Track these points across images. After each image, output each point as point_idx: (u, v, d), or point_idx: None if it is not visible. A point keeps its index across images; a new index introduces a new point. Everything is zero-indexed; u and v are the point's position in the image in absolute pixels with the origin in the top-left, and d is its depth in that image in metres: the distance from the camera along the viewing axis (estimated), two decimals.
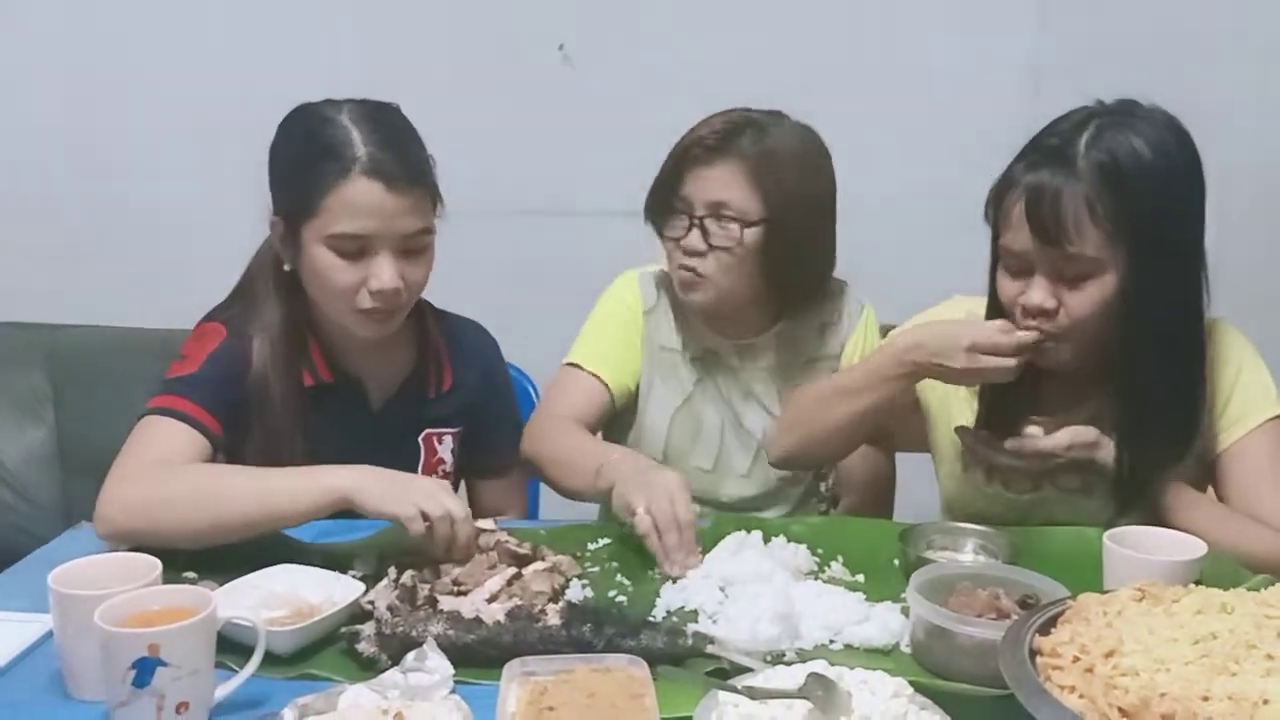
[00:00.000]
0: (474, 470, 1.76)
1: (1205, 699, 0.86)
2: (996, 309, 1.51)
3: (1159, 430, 1.45)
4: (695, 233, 1.65)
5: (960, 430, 1.53)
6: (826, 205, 1.71)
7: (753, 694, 0.93)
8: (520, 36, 2.63)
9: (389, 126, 1.52)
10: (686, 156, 1.66)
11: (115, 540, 1.35)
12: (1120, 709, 0.87)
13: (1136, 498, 1.43)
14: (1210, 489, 1.52)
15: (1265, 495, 1.43)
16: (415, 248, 1.51)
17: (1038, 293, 1.42)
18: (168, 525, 1.34)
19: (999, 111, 1.73)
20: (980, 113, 1.62)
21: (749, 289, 1.70)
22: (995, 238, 1.48)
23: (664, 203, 1.69)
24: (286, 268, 1.55)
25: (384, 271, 1.48)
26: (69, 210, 2.72)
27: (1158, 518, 1.39)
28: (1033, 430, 1.49)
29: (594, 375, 1.74)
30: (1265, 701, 0.85)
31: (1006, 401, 1.54)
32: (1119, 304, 1.40)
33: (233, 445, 1.51)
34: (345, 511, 1.36)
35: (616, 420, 1.80)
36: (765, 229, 1.63)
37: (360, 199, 1.46)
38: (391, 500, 1.31)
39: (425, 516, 1.30)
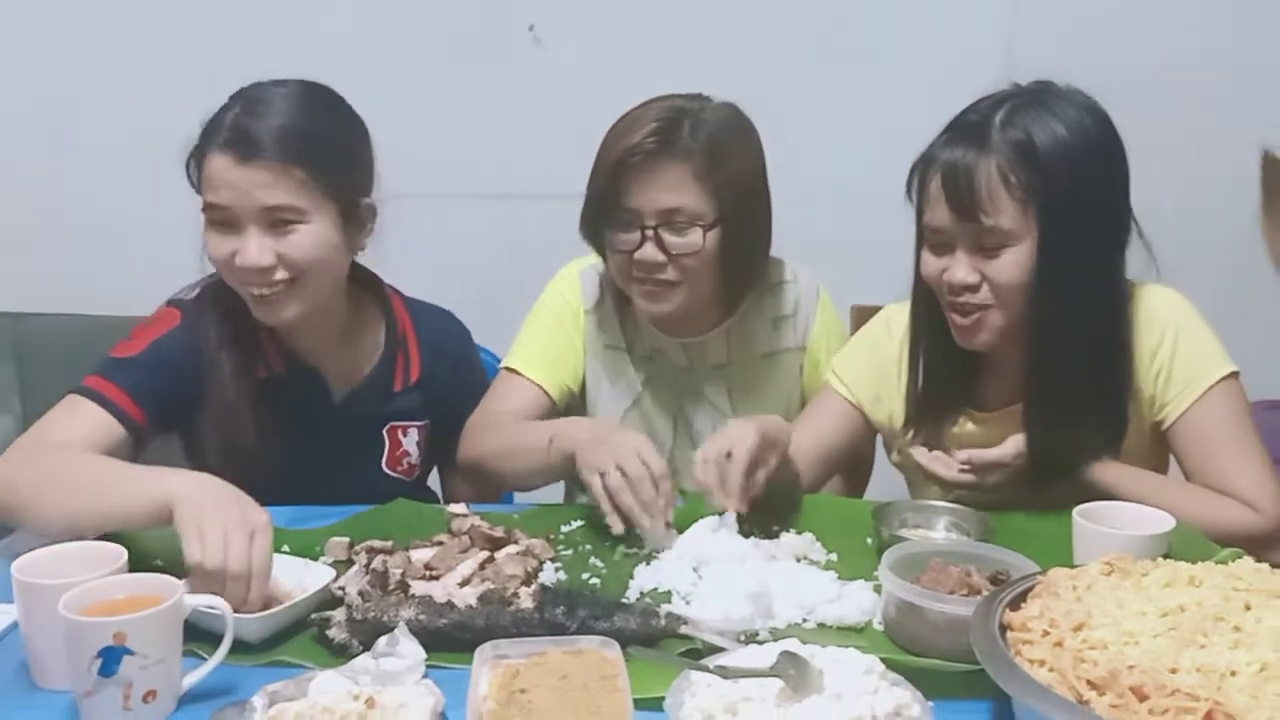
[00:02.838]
0: (446, 459, 1.74)
1: (1173, 671, 0.87)
2: (924, 289, 1.53)
3: (1074, 401, 1.45)
4: (650, 245, 1.56)
5: (914, 453, 1.51)
6: (764, 186, 1.65)
7: (725, 673, 0.93)
8: (490, 18, 2.60)
9: (278, 99, 1.49)
10: (624, 165, 1.54)
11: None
12: (1089, 681, 0.88)
13: (1054, 477, 1.43)
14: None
15: (1225, 464, 1.44)
16: (283, 222, 1.46)
17: (960, 269, 1.44)
18: (28, 506, 1.32)
19: (973, 95, 1.73)
20: (952, 97, 1.63)
21: (711, 289, 1.64)
22: (918, 217, 1.50)
23: (604, 216, 1.58)
24: None
25: (248, 246, 1.45)
26: (34, 197, 2.67)
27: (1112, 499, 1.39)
28: (970, 429, 1.53)
29: (532, 381, 1.68)
30: (1233, 673, 0.86)
31: (940, 399, 1.56)
32: (1037, 274, 1.42)
33: (182, 434, 1.48)
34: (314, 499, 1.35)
35: (576, 414, 1.77)
36: (722, 226, 1.57)
37: (215, 171, 1.45)
38: (192, 531, 1.16)
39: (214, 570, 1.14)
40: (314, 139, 1.47)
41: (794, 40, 2.60)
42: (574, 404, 1.75)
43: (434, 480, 1.82)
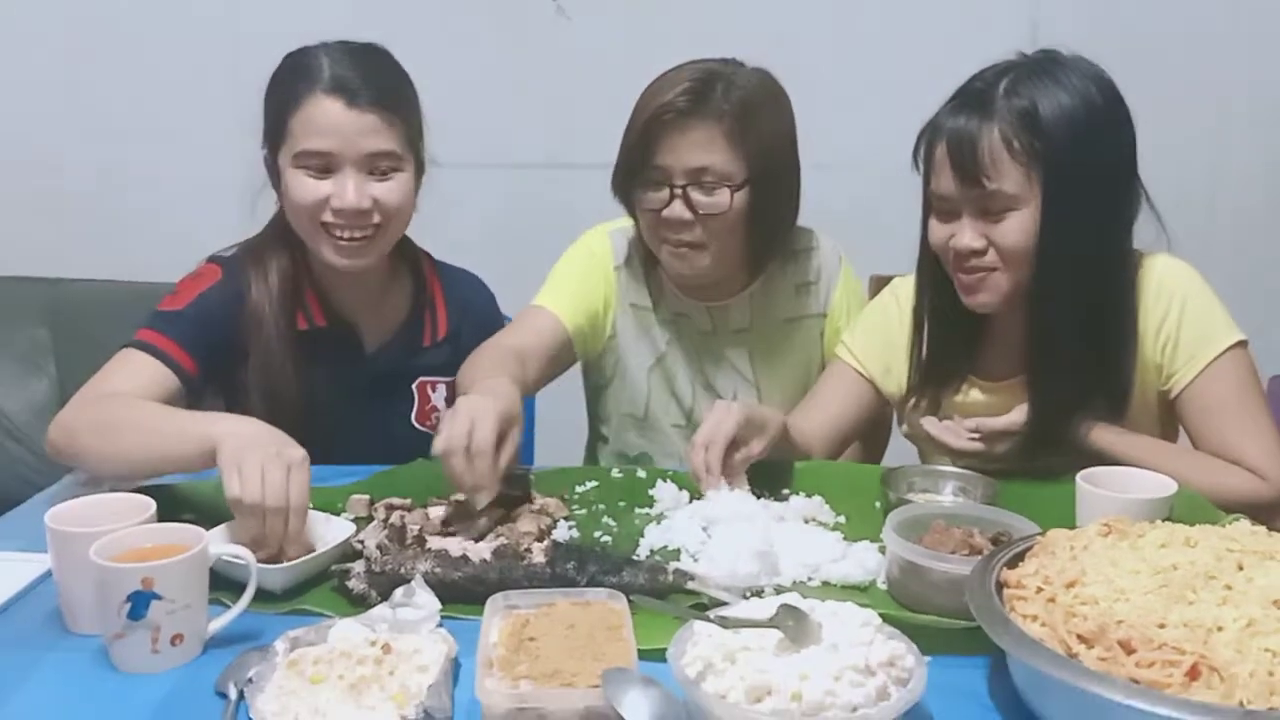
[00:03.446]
0: None
1: (1161, 626, 0.89)
2: (929, 257, 1.54)
3: (1074, 367, 1.47)
4: (678, 203, 1.59)
5: (924, 422, 1.53)
6: (794, 151, 1.67)
7: (725, 623, 0.96)
8: None
9: (362, 53, 1.55)
10: (656, 122, 1.56)
11: (56, 458, 1.42)
12: (1079, 635, 0.90)
13: (1055, 442, 1.44)
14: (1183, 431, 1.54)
15: (1231, 432, 1.45)
16: (382, 170, 1.53)
17: (966, 234, 1.46)
18: (88, 450, 1.38)
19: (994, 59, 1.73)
20: (974, 67, 1.64)
21: (737, 251, 1.67)
22: (925, 185, 1.51)
23: (635, 174, 1.61)
24: (277, 205, 1.58)
25: (347, 188, 1.50)
26: (70, 165, 2.73)
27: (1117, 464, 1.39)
28: (976, 398, 1.55)
29: (549, 310, 1.69)
30: (1219, 628, 0.88)
31: (945, 366, 1.58)
32: (1041, 241, 1.43)
33: (225, 385, 1.54)
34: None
35: (595, 372, 1.82)
36: (750, 188, 1.59)
37: (320, 116, 1.50)
38: (232, 469, 1.19)
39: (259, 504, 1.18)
40: (404, 94, 1.57)
41: (816, 10, 2.60)
42: (599, 354, 1.78)
43: None
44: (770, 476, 1.45)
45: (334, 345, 1.64)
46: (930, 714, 0.97)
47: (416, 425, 1.69)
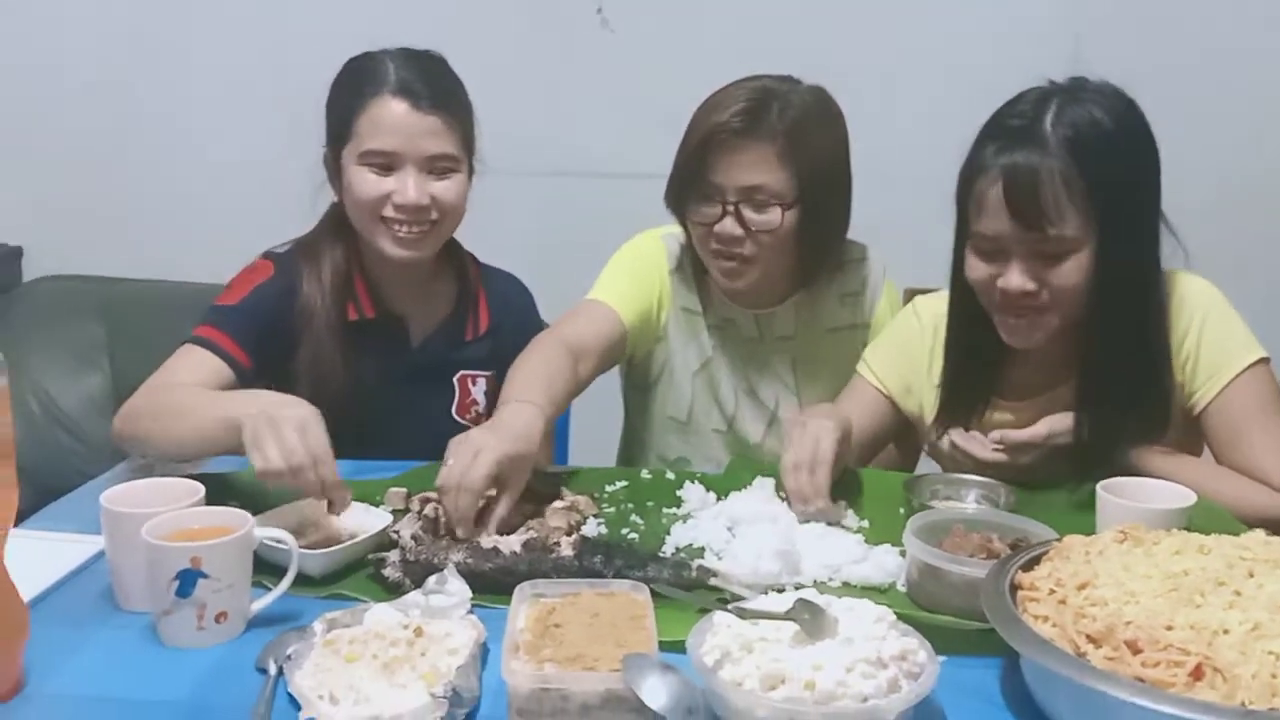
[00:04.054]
0: None
1: (1169, 628, 0.91)
2: (962, 290, 1.53)
3: (1120, 392, 1.47)
4: (730, 220, 1.62)
5: (951, 433, 1.54)
6: (847, 169, 1.70)
7: (743, 614, 1.00)
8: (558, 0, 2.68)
9: (424, 59, 1.64)
10: (712, 141, 1.59)
11: (120, 443, 1.50)
12: (1088, 635, 0.93)
13: (1100, 464, 1.43)
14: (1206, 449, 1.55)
15: (1253, 448, 1.45)
16: (440, 170, 1.61)
17: (1016, 276, 1.43)
18: (148, 434, 1.47)
19: (1037, 78, 1.74)
20: (1017, 78, 1.65)
21: (786, 266, 1.70)
22: (962, 221, 1.49)
23: (689, 189, 1.64)
24: (334, 199, 1.66)
25: (408, 185, 1.58)
26: (126, 170, 2.82)
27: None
28: (1001, 418, 1.56)
29: (608, 305, 1.72)
30: (1225, 631, 0.90)
31: (970, 389, 1.59)
32: (1095, 275, 1.43)
33: (277, 376, 1.60)
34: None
35: (639, 373, 1.85)
36: (801, 207, 1.62)
37: (387, 117, 1.58)
38: (253, 447, 1.26)
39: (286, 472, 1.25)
40: (462, 100, 1.65)
41: (857, 24, 2.63)
42: (646, 355, 1.81)
43: None
44: None
45: (381, 336, 1.70)
46: (943, 711, 1.00)
47: (456, 417, 1.75)
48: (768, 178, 1.60)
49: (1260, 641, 0.88)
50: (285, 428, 1.26)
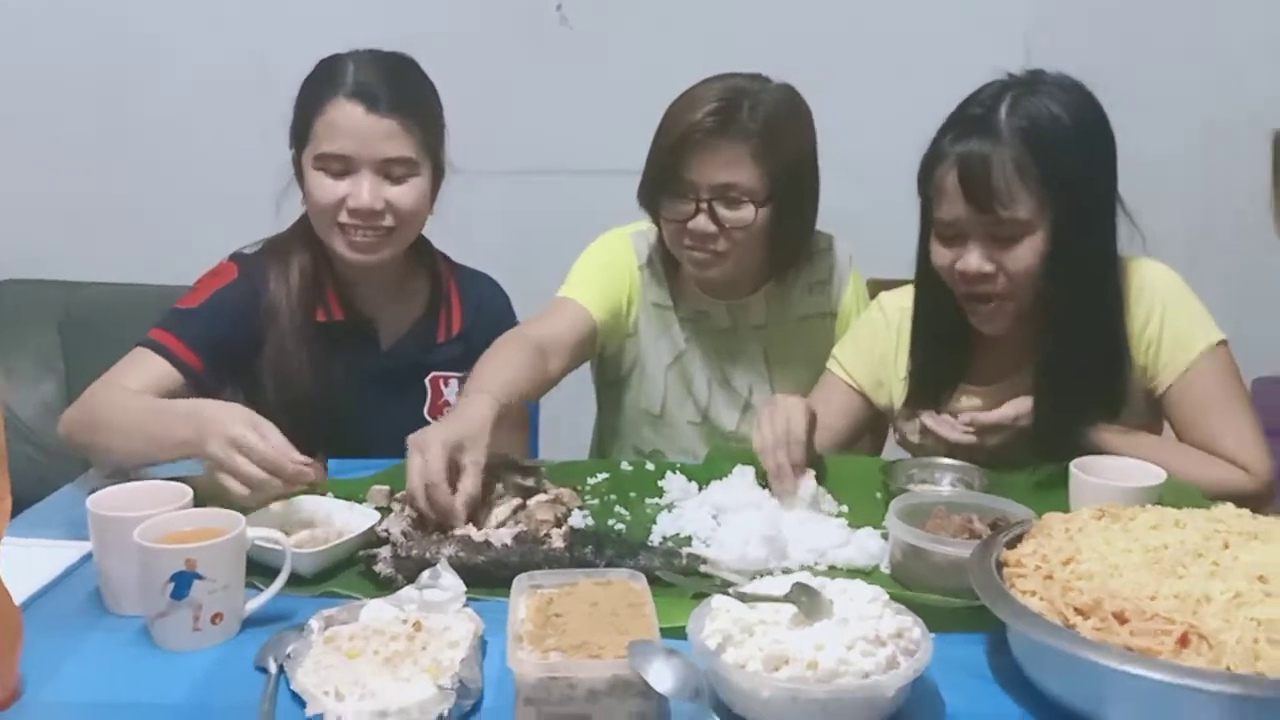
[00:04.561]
0: None
1: (1153, 598, 0.95)
2: (928, 277, 1.58)
3: (1076, 374, 1.52)
4: (703, 216, 1.64)
5: (922, 416, 1.58)
6: (815, 165, 1.73)
7: (744, 598, 1.02)
8: None
9: (389, 60, 1.62)
10: (686, 141, 1.62)
11: (70, 450, 1.50)
12: (1076, 608, 0.96)
13: (1059, 444, 1.48)
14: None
15: (1214, 427, 1.51)
16: (397, 175, 1.59)
17: (974, 258, 1.49)
18: (92, 444, 1.47)
19: (991, 73, 1.79)
20: (972, 74, 1.70)
21: (758, 259, 1.73)
22: (925, 209, 1.54)
23: (664, 187, 1.67)
24: (303, 206, 1.65)
25: (362, 189, 1.57)
26: (81, 172, 2.77)
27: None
28: (969, 403, 1.61)
29: (577, 302, 1.73)
30: (1207, 599, 0.94)
31: (937, 373, 1.64)
32: (1048, 260, 1.48)
33: (241, 378, 1.58)
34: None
35: (610, 368, 1.86)
36: (773, 204, 1.65)
37: (341, 120, 1.57)
38: (222, 472, 1.29)
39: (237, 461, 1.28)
40: (425, 102, 1.63)
41: (818, 21, 2.67)
42: (616, 351, 1.82)
43: None
44: None
45: (351, 339, 1.69)
46: (936, 686, 1.03)
47: (428, 418, 1.74)
48: (741, 175, 1.62)
49: (1242, 609, 0.92)
50: (241, 439, 1.28)
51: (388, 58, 1.64)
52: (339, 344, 1.67)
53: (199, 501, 1.20)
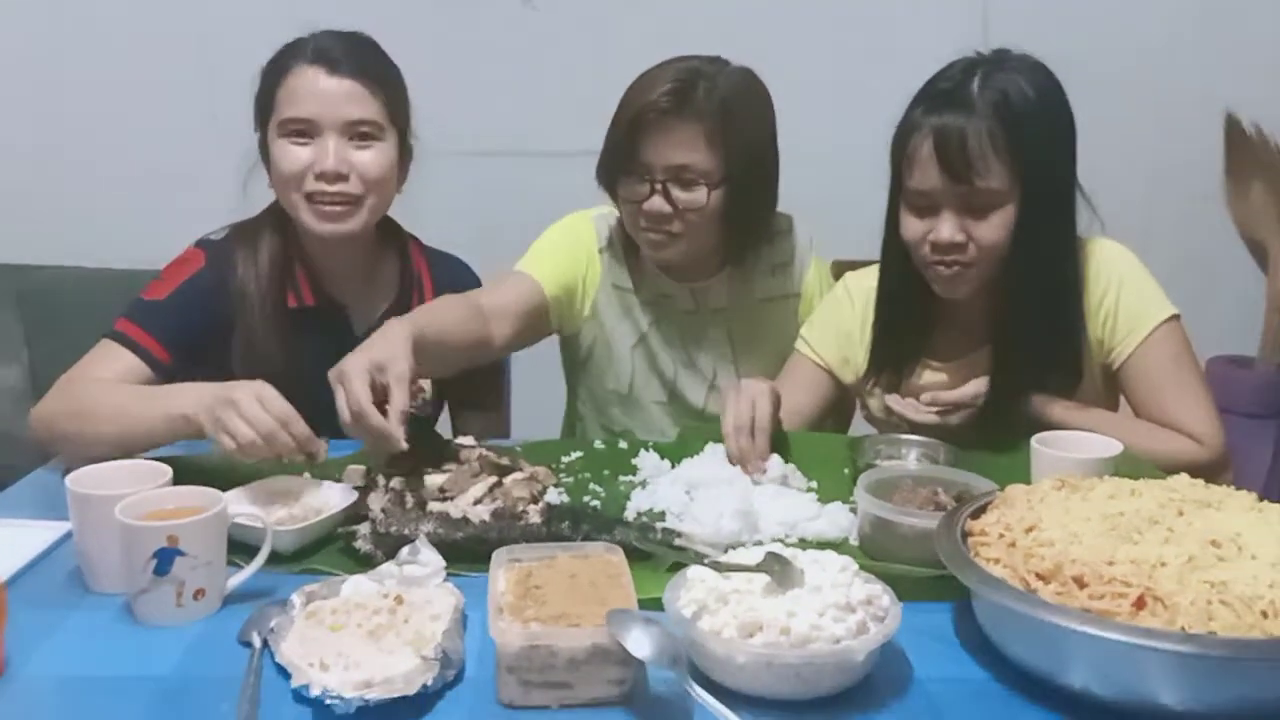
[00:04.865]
0: (455, 400, 1.86)
1: (1110, 563, 0.98)
2: (895, 249, 1.62)
3: (1032, 351, 1.57)
4: (658, 197, 1.66)
5: (887, 398, 1.63)
6: (773, 149, 1.75)
7: (718, 568, 1.05)
8: None
9: (349, 35, 1.64)
10: (641, 121, 1.63)
11: (40, 446, 1.50)
12: (1037, 574, 1.00)
13: (1016, 420, 1.53)
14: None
15: (1168, 400, 1.56)
16: (361, 136, 1.60)
17: (946, 228, 1.53)
18: (67, 434, 1.47)
19: (948, 56, 1.84)
20: (932, 58, 1.74)
21: (713, 241, 1.75)
22: (896, 181, 1.58)
23: (620, 168, 1.68)
24: (270, 187, 1.65)
25: (327, 150, 1.58)
26: (34, 152, 2.74)
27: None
28: (932, 378, 1.66)
29: (528, 275, 1.75)
30: (1163, 564, 0.97)
31: (899, 345, 1.68)
32: (1016, 232, 1.52)
33: (211, 366, 1.59)
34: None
35: (572, 349, 1.89)
36: (727, 185, 1.66)
37: (303, 84, 1.59)
38: (218, 431, 1.30)
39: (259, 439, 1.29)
40: (388, 72, 1.64)
41: (781, 5, 2.70)
42: (575, 332, 1.84)
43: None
44: None
45: (322, 324, 1.70)
46: (904, 651, 1.06)
47: None
48: (695, 157, 1.64)
49: (1195, 572, 0.96)
50: (243, 403, 1.29)
51: (348, 34, 1.65)
52: (311, 329, 1.68)
53: (201, 479, 1.20)
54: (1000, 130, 1.48)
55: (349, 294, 1.73)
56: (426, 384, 1.73)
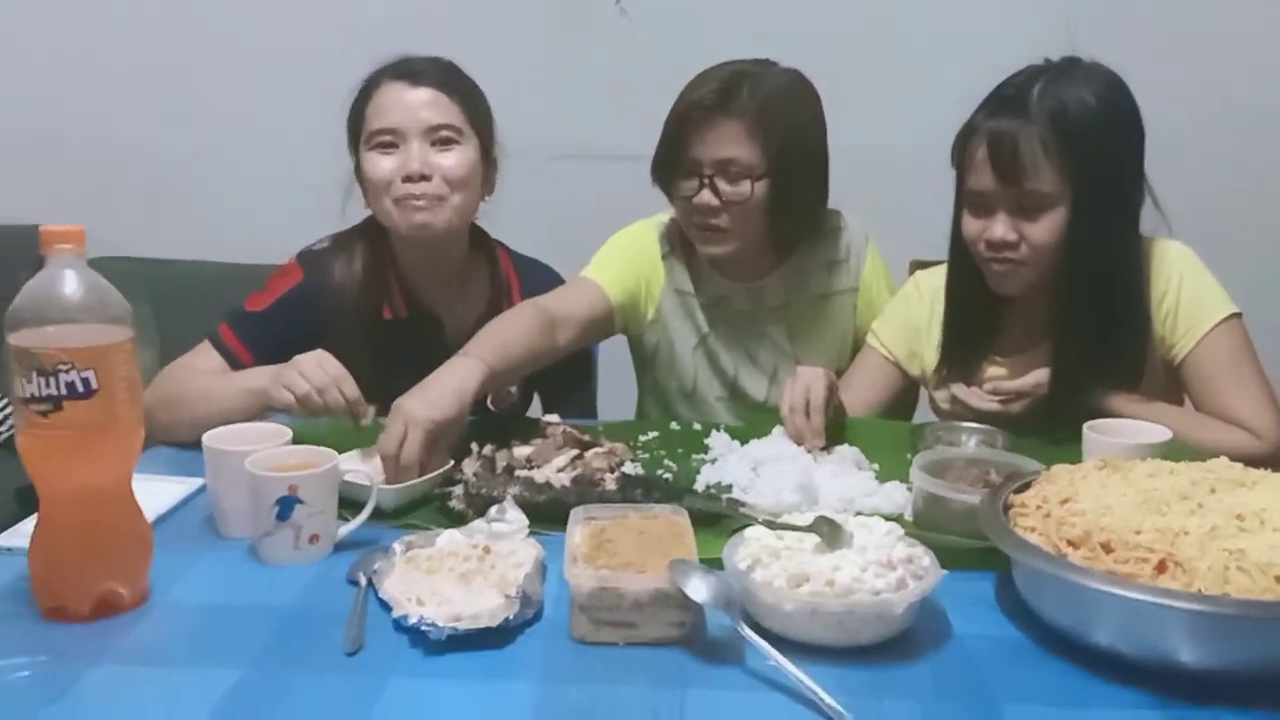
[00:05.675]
0: (546, 394, 1.99)
1: (1137, 532, 1.06)
2: (960, 247, 1.70)
3: (1091, 346, 1.62)
4: (706, 191, 1.75)
5: (953, 388, 1.72)
6: (819, 145, 1.82)
7: (771, 525, 1.15)
8: None
9: (429, 56, 1.77)
10: (688, 119, 1.73)
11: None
12: (1068, 540, 1.08)
13: (1074, 411, 1.57)
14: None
15: (1227, 395, 1.61)
16: (443, 141, 1.73)
17: (999, 227, 1.61)
18: (173, 419, 1.61)
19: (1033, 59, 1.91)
20: (1008, 66, 1.80)
21: (762, 235, 1.83)
22: (960, 182, 1.66)
23: (671, 165, 1.77)
24: (366, 206, 1.78)
25: (411, 153, 1.71)
26: (167, 155, 2.98)
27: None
28: (995, 372, 1.73)
29: (595, 282, 1.85)
30: (1185, 533, 1.05)
31: (968, 338, 1.76)
32: (1069, 233, 1.59)
33: None
34: None
35: (639, 350, 1.99)
36: (770, 179, 1.75)
37: (387, 98, 1.73)
38: (286, 397, 1.50)
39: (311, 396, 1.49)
40: (467, 84, 1.78)
41: (861, 14, 2.78)
42: (640, 334, 1.94)
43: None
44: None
45: (417, 335, 1.81)
46: (945, 611, 1.15)
47: (491, 408, 1.82)
48: (738, 151, 1.73)
49: (1217, 540, 1.03)
50: (303, 363, 1.51)
51: (429, 56, 1.79)
52: (406, 341, 1.78)
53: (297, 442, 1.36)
54: (1053, 136, 1.55)
55: (442, 304, 1.84)
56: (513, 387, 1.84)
